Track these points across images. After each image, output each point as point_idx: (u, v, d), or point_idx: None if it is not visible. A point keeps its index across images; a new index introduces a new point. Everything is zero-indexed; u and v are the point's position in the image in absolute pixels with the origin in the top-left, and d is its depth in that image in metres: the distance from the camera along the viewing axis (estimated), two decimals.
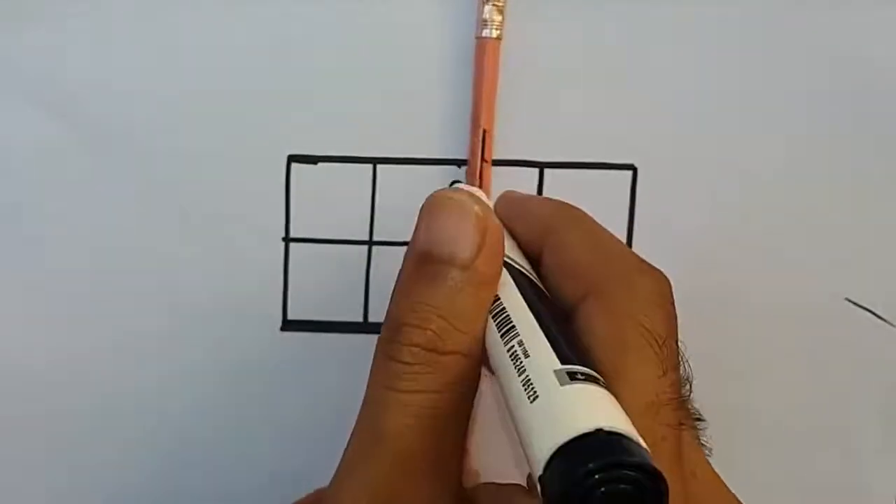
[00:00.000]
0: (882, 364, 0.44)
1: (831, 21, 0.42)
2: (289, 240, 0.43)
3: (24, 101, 0.42)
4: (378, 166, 0.43)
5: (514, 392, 0.27)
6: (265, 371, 0.44)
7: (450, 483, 0.31)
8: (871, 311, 0.44)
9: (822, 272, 0.44)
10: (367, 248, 0.43)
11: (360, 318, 0.44)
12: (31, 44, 0.41)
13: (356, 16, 0.42)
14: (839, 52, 0.43)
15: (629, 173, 0.43)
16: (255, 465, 0.45)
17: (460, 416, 0.31)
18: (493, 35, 0.41)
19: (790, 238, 0.44)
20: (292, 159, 0.42)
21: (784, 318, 0.44)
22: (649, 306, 0.30)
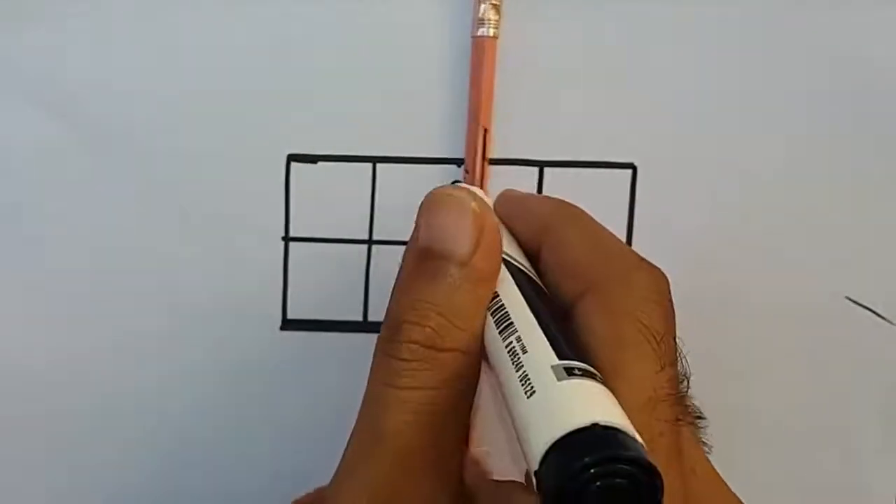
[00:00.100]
0: (882, 364, 0.44)
1: (831, 21, 0.42)
2: (288, 239, 0.43)
3: (24, 101, 0.42)
4: (377, 165, 0.43)
5: (512, 387, 0.28)
6: (265, 371, 0.44)
7: (449, 480, 0.31)
8: (871, 310, 0.44)
9: (822, 272, 0.44)
10: (366, 247, 0.43)
11: (360, 318, 0.44)
12: (31, 44, 0.41)
13: (356, 16, 0.42)
14: (839, 52, 0.43)
15: (629, 172, 0.43)
16: (255, 465, 0.45)
17: (459, 414, 0.31)
18: (490, 34, 0.41)
19: (790, 238, 0.44)
20: (292, 159, 0.42)
21: (784, 318, 0.44)
22: (647, 303, 0.30)
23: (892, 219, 0.44)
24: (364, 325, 0.44)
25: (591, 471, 0.23)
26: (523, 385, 0.27)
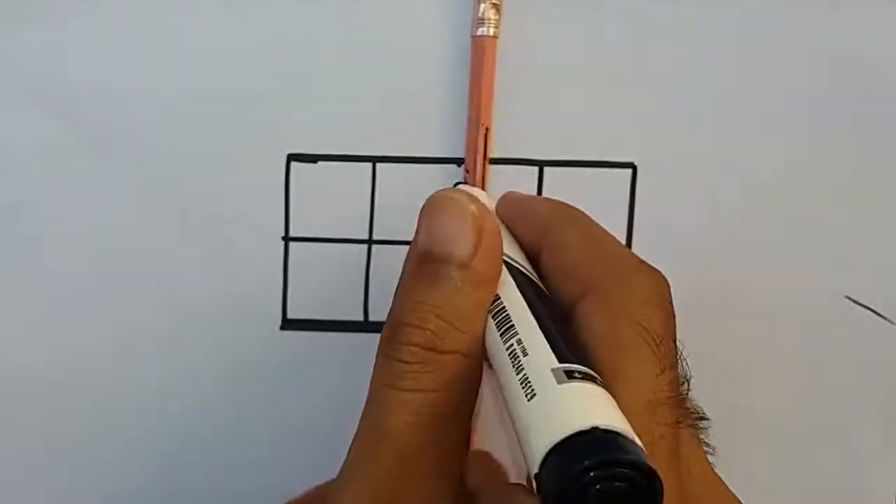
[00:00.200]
0: (882, 364, 0.44)
1: (831, 21, 0.42)
2: (288, 239, 0.43)
3: (24, 101, 0.42)
4: (377, 165, 0.43)
5: (512, 390, 0.28)
6: (265, 370, 0.44)
7: (451, 483, 0.31)
8: (871, 309, 0.44)
9: (822, 272, 0.44)
10: (366, 246, 0.43)
11: (361, 317, 0.44)
12: (31, 44, 0.41)
13: (356, 16, 0.42)
14: (839, 52, 0.43)
15: (629, 171, 0.43)
16: (255, 465, 0.45)
17: (461, 416, 0.31)
18: (490, 33, 0.41)
19: (790, 238, 0.44)
20: (292, 158, 0.42)
21: (784, 318, 0.44)
22: (647, 305, 0.30)
23: (892, 219, 0.44)
24: (364, 325, 0.44)
25: (591, 474, 0.23)
26: (524, 388, 0.27)
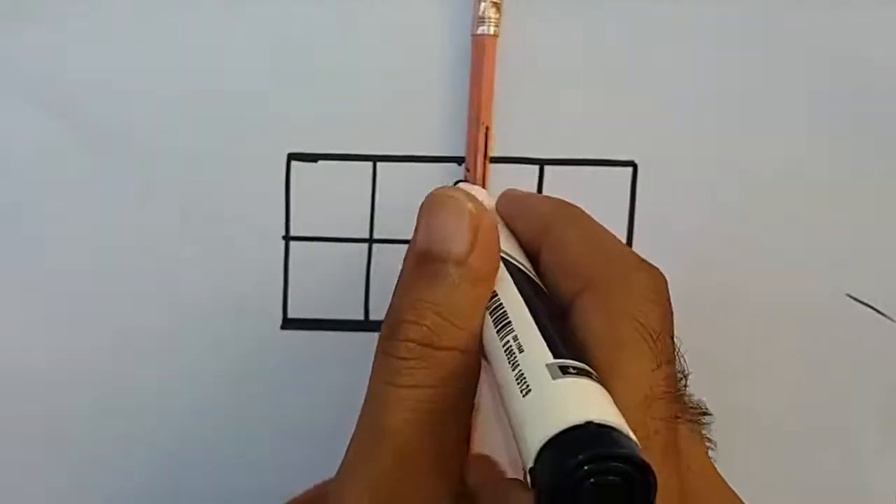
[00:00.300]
0: (882, 363, 0.44)
1: (831, 21, 0.42)
2: (289, 238, 0.43)
3: (24, 101, 0.42)
4: (378, 164, 0.43)
5: (508, 386, 0.28)
6: (265, 370, 0.44)
7: (451, 480, 0.31)
8: (871, 307, 0.44)
9: (822, 272, 0.44)
10: (367, 245, 0.43)
11: (361, 316, 0.44)
12: (31, 44, 0.41)
13: (356, 16, 0.42)
14: (839, 52, 0.43)
15: (629, 170, 0.43)
16: (255, 465, 0.45)
17: (460, 413, 0.31)
18: (490, 32, 0.41)
19: (790, 238, 0.44)
20: (292, 157, 0.42)
21: (784, 317, 0.44)
22: (644, 302, 0.30)
23: (893, 219, 0.44)
24: (365, 324, 0.44)
25: (585, 468, 0.23)
26: (519, 384, 0.27)
